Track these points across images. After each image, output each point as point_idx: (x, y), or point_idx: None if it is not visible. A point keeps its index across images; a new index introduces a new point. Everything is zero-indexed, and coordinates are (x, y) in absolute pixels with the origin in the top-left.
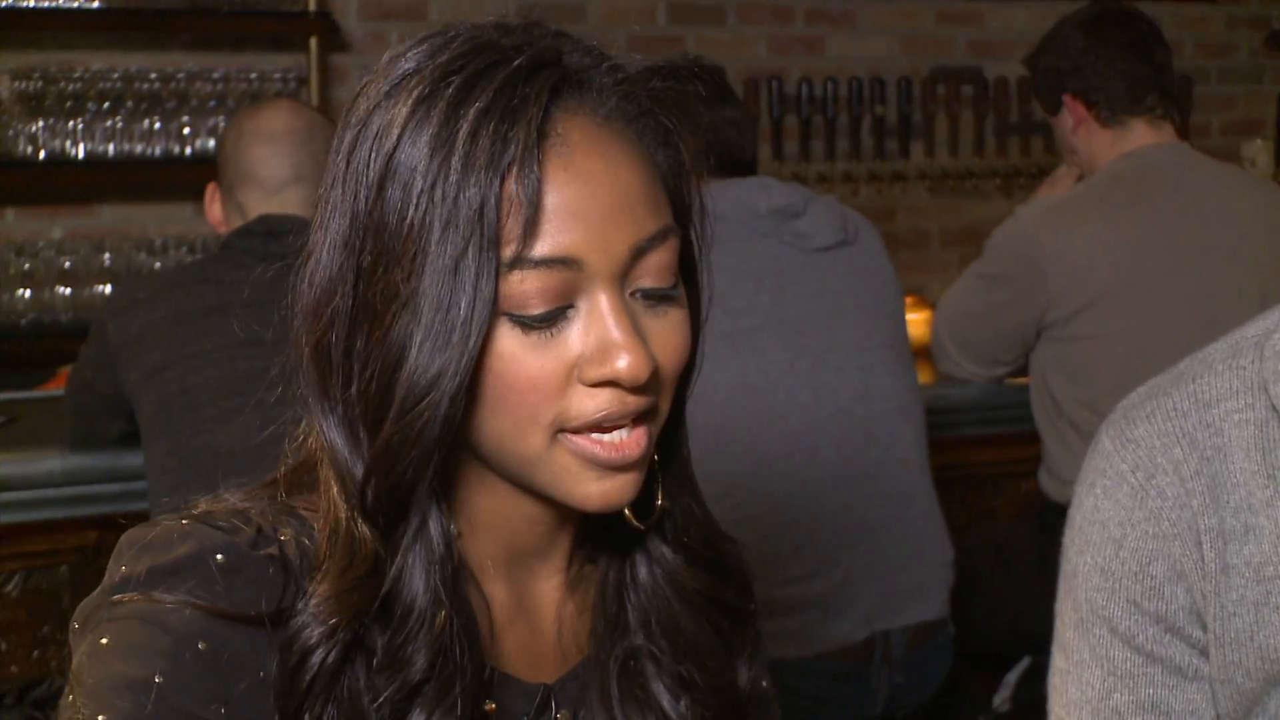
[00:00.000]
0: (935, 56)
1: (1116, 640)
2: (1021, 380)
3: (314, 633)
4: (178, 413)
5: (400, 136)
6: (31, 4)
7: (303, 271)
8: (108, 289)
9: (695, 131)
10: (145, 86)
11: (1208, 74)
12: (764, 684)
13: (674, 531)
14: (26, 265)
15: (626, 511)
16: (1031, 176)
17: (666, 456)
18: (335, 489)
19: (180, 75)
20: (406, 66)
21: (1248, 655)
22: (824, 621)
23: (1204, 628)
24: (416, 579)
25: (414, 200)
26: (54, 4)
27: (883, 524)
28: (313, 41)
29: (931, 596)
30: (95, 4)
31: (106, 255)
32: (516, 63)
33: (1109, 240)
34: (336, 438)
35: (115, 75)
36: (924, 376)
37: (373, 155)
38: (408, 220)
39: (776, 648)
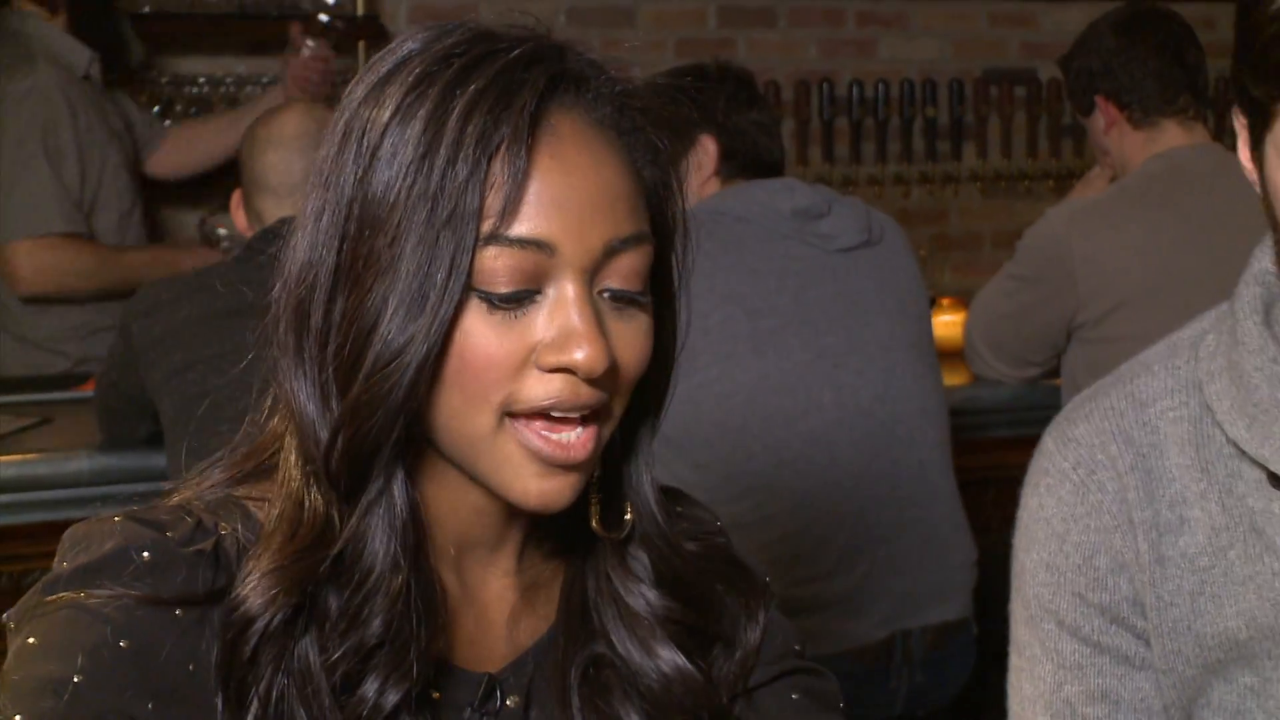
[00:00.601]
0: (988, 58)
1: (1064, 633)
2: (1054, 381)
3: (254, 603)
4: (199, 413)
5: (397, 109)
6: None
7: (290, 239)
8: None
9: (681, 161)
10: (195, 90)
11: None
12: (789, 675)
13: (639, 547)
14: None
15: (595, 524)
16: None
17: (635, 469)
18: (294, 457)
19: (229, 79)
20: (411, 47)
21: (1186, 644)
22: (843, 620)
23: (1145, 619)
24: (377, 541)
25: (404, 170)
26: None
27: (903, 524)
28: (361, 45)
29: (953, 597)
30: (145, 9)
31: None
32: (517, 52)
33: (1140, 242)
34: (306, 400)
35: (164, 80)
36: (960, 378)
37: (369, 126)
38: (396, 189)
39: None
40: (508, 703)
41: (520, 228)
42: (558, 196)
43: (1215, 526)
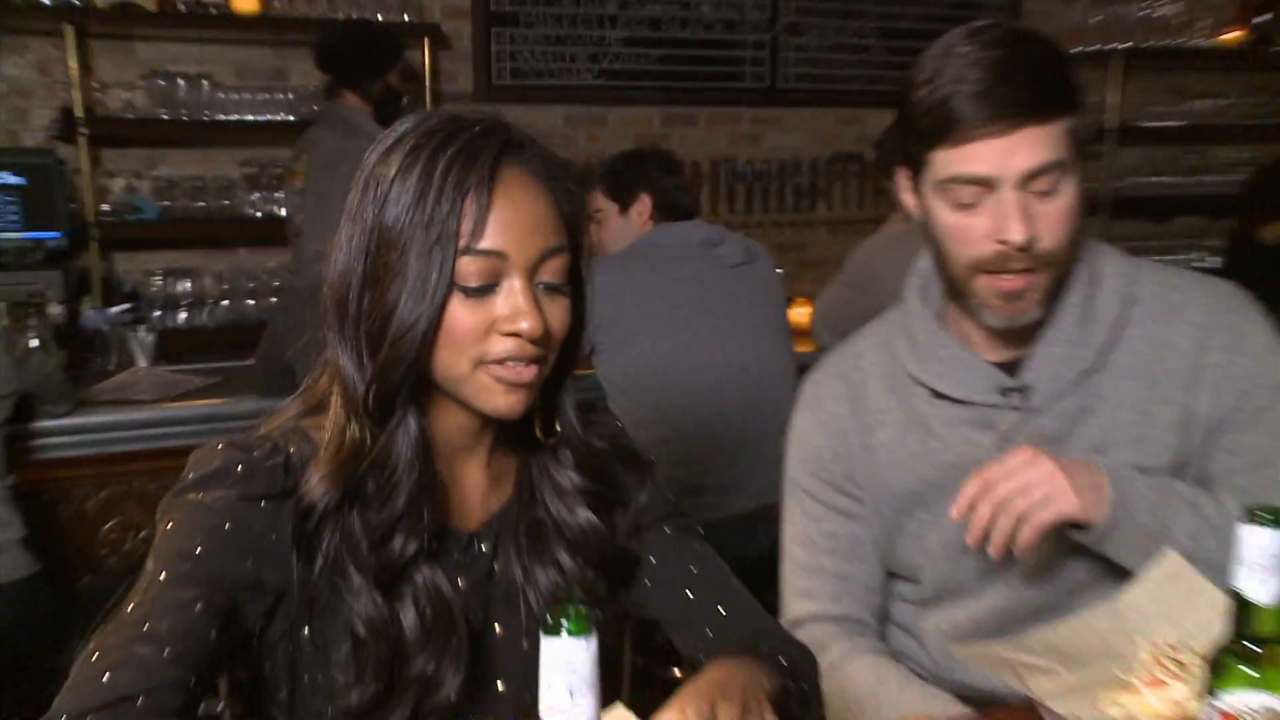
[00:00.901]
0: (833, 146)
1: (808, 497)
2: None
3: (316, 490)
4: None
5: (399, 168)
6: (252, 117)
7: (329, 262)
8: None
9: (583, 194)
10: None
11: None
12: (664, 519)
13: (564, 450)
14: (251, 285)
15: (538, 430)
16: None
17: (561, 399)
18: (339, 402)
19: None
20: (405, 127)
21: (885, 498)
22: (727, 497)
23: (858, 486)
24: (402, 449)
25: (407, 208)
26: (265, 118)
27: (764, 438)
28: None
29: None
30: (291, 117)
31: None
32: (478, 128)
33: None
34: (347, 363)
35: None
36: (807, 347)
37: (380, 179)
38: (401, 220)
39: (699, 514)
40: (482, 548)
41: (484, 243)
42: (508, 222)
43: (899, 424)
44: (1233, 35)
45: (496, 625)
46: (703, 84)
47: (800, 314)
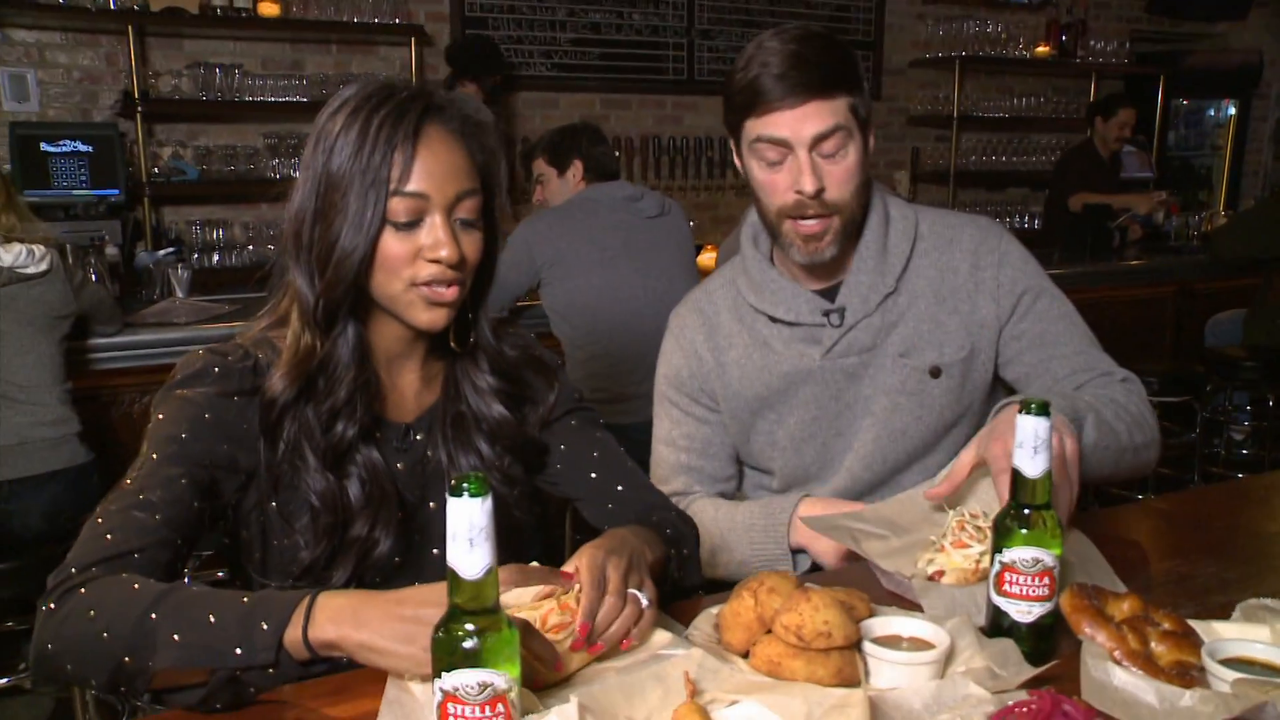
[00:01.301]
0: None
1: (671, 406)
2: None
3: (277, 386)
4: None
5: (342, 126)
6: (273, 99)
7: (289, 200)
8: None
9: (499, 149)
10: None
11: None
12: (570, 413)
13: (481, 355)
14: (271, 233)
15: (451, 340)
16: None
17: (477, 316)
18: (296, 315)
19: None
20: (348, 93)
21: (738, 403)
22: (645, 404)
23: (711, 398)
24: (343, 353)
25: (348, 159)
26: (285, 99)
27: None
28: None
29: None
30: (305, 99)
31: None
32: (405, 94)
33: None
34: (302, 283)
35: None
36: None
37: (325, 135)
38: (343, 169)
39: (623, 417)
40: (417, 437)
41: (410, 186)
42: (430, 169)
43: (745, 345)
44: (1044, 49)
45: (430, 502)
46: (634, 76)
47: (708, 258)
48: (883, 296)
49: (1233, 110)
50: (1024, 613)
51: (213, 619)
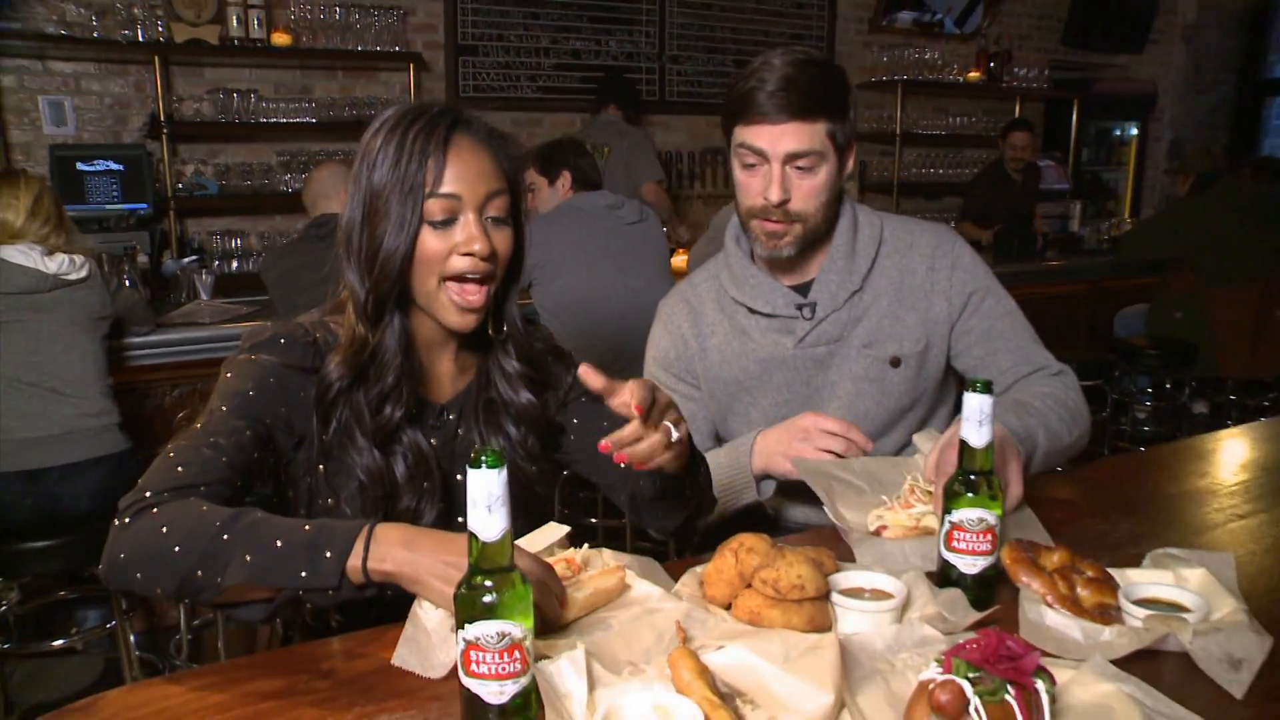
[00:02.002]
0: (705, 142)
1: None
2: None
3: (334, 373)
4: (293, 306)
5: (380, 144)
6: (285, 120)
7: (345, 211)
8: None
9: (522, 160)
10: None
11: None
12: (587, 395)
13: (510, 345)
14: (284, 241)
15: (490, 329)
16: None
17: (509, 307)
18: (351, 310)
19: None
20: (387, 115)
21: (718, 384)
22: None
23: (695, 377)
24: (390, 343)
25: (388, 172)
26: (295, 120)
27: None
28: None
29: None
30: (314, 120)
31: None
32: (436, 111)
33: None
34: (354, 281)
35: (323, 155)
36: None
37: (370, 153)
38: (385, 181)
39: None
40: (449, 417)
41: (443, 189)
42: (460, 173)
43: (726, 333)
44: (975, 74)
45: (459, 474)
46: None
47: (681, 260)
48: (850, 294)
49: (1134, 131)
50: (970, 565)
51: (279, 544)
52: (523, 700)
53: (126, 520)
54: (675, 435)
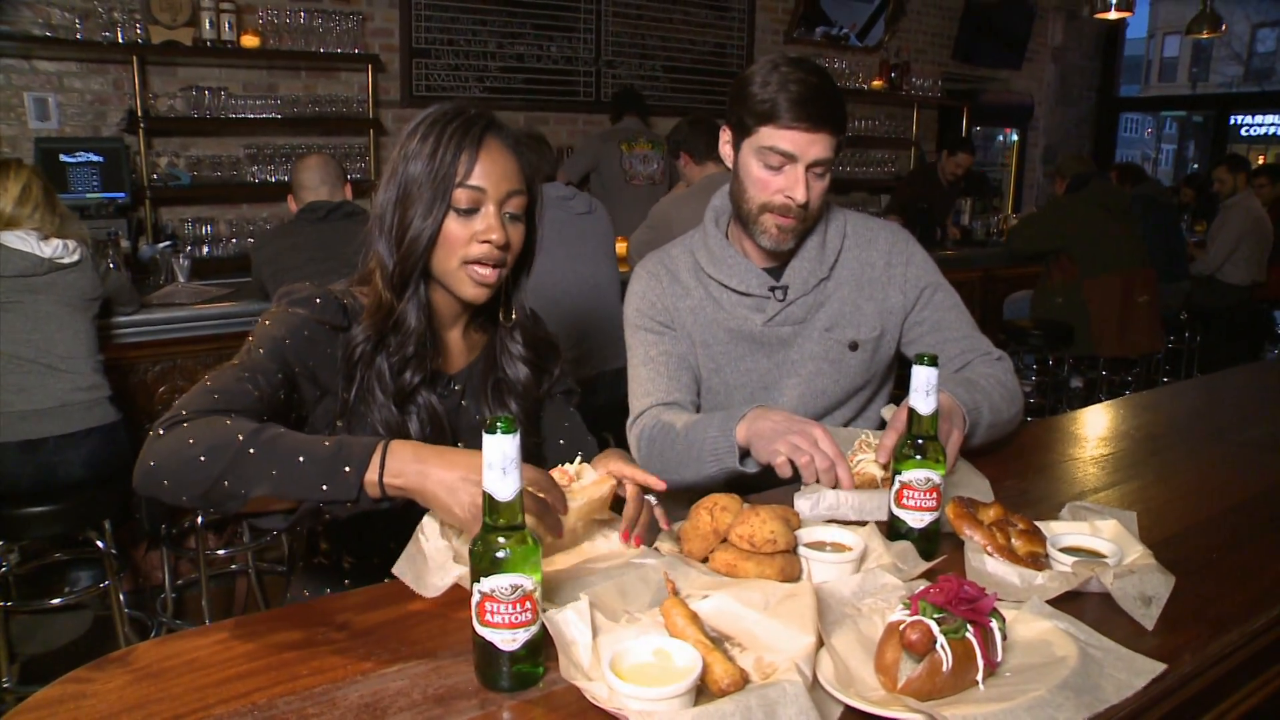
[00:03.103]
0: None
1: (643, 330)
2: None
3: (359, 335)
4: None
5: (420, 137)
6: (253, 116)
7: (375, 195)
8: None
9: (541, 164)
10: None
11: None
12: (561, 392)
13: (518, 329)
14: (251, 228)
15: (501, 314)
16: None
17: (517, 294)
18: (378, 279)
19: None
20: (426, 114)
21: (687, 344)
22: (576, 369)
23: (675, 324)
24: (412, 314)
25: (424, 162)
26: (262, 116)
27: (600, 328)
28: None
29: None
30: (279, 116)
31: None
32: (474, 112)
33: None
34: (384, 253)
35: (287, 148)
36: (626, 269)
37: (407, 147)
38: (420, 171)
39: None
40: (455, 387)
41: (471, 181)
42: (487, 170)
43: (699, 298)
44: (878, 83)
45: (460, 441)
46: (551, 98)
47: (621, 247)
48: (818, 280)
49: (1015, 137)
50: (918, 520)
51: (302, 459)
52: (531, 648)
53: (160, 432)
54: (654, 502)
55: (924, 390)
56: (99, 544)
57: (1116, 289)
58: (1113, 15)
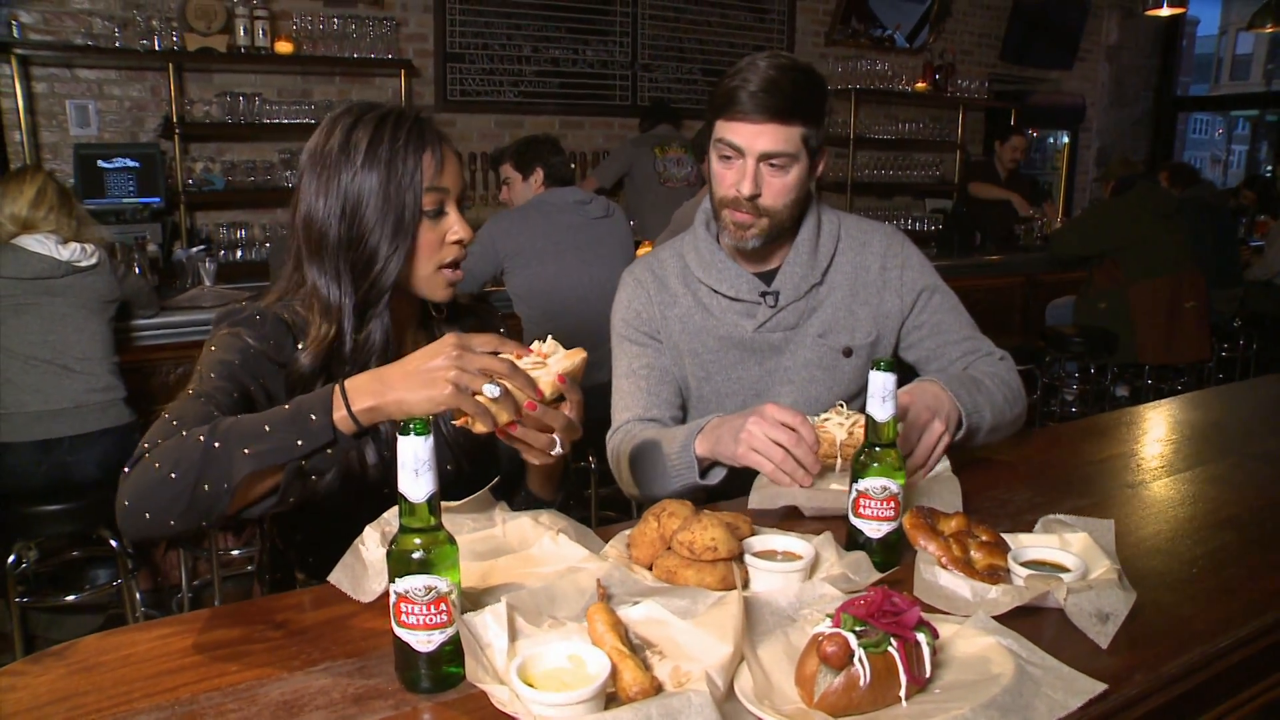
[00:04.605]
0: None
1: (627, 342)
2: None
3: (304, 363)
4: None
5: (362, 144)
6: (287, 121)
7: (297, 208)
8: None
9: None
10: None
11: None
12: None
13: (448, 314)
14: (284, 233)
15: (431, 309)
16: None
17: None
18: (316, 309)
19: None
20: (353, 116)
21: (675, 353)
22: (590, 373)
23: (660, 336)
24: (377, 336)
25: (378, 172)
26: (296, 121)
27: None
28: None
29: None
30: (313, 121)
31: None
32: (413, 111)
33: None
34: (326, 283)
35: None
36: None
37: (345, 155)
38: (375, 182)
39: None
40: None
41: (439, 181)
42: (446, 167)
43: (688, 306)
44: (922, 85)
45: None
46: (587, 101)
47: (644, 253)
48: (810, 286)
49: (1066, 139)
50: (875, 530)
51: (267, 428)
52: (451, 649)
53: (126, 470)
54: (558, 449)
55: (880, 396)
56: (113, 543)
57: (1163, 295)
58: (1165, 11)
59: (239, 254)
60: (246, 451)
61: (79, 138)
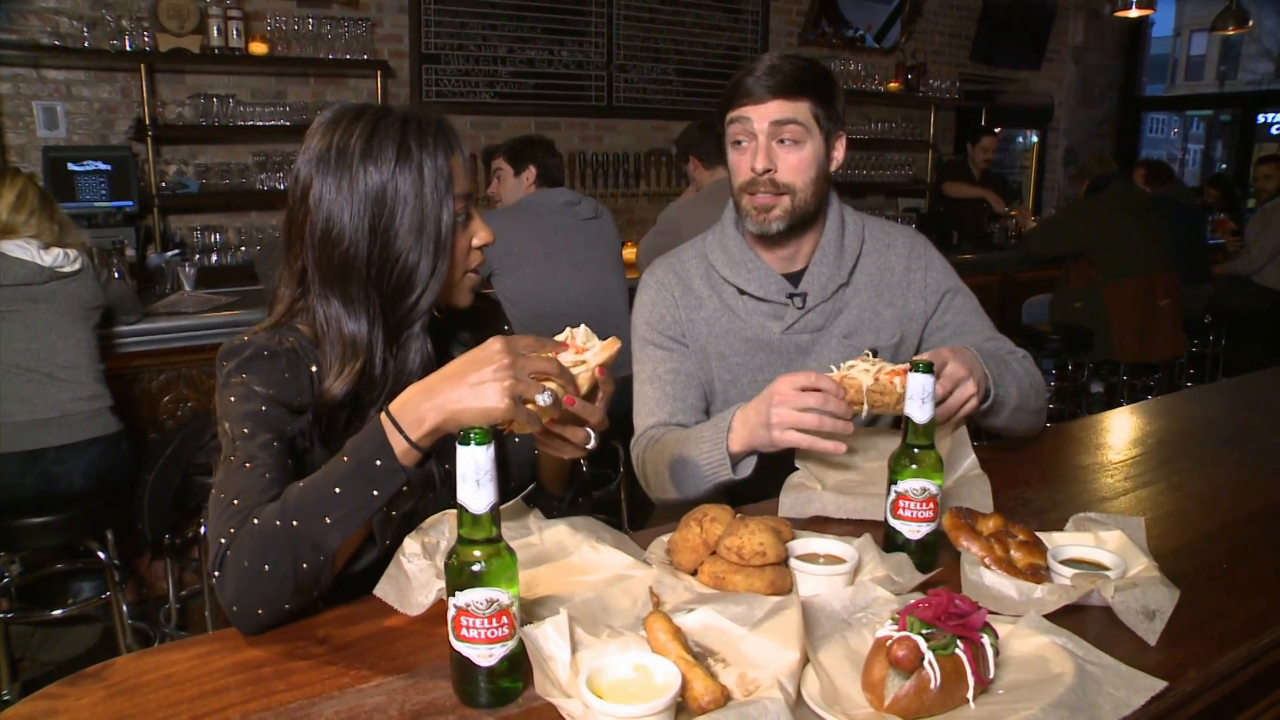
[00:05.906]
0: (650, 144)
1: (651, 345)
2: None
3: (337, 391)
4: None
5: (396, 156)
6: (261, 123)
7: (320, 223)
8: None
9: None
10: None
11: None
12: None
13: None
14: (260, 236)
15: (436, 313)
16: None
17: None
18: (336, 340)
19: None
20: (366, 120)
21: (702, 357)
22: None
23: (685, 339)
24: (416, 361)
25: (411, 182)
26: (270, 124)
27: (604, 335)
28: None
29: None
30: (287, 123)
31: None
32: (415, 109)
33: (713, 211)
34: (351, 313)
35: (295, 155)
36: (634, 275)
37: (366, 160)
38: (407, 192)
39: None
40: None
41: (464, 188)
42: (466, 172)
43: (714, 309)
44: (894, 85)
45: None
46: (562, 102)
47: (629, 253)
48: (837, 286)
49: (1035, 139)
50: (914, 531)
51: (337, 490)
52: (510, 663)
53: (216, 575)
54: (593, 442)
55: (919, 398)
56: (100, 555)
57: (1138, 293)
58: (1134, 13)
59: (214, 258)
60: (328, 521)
61: (47, 140)
